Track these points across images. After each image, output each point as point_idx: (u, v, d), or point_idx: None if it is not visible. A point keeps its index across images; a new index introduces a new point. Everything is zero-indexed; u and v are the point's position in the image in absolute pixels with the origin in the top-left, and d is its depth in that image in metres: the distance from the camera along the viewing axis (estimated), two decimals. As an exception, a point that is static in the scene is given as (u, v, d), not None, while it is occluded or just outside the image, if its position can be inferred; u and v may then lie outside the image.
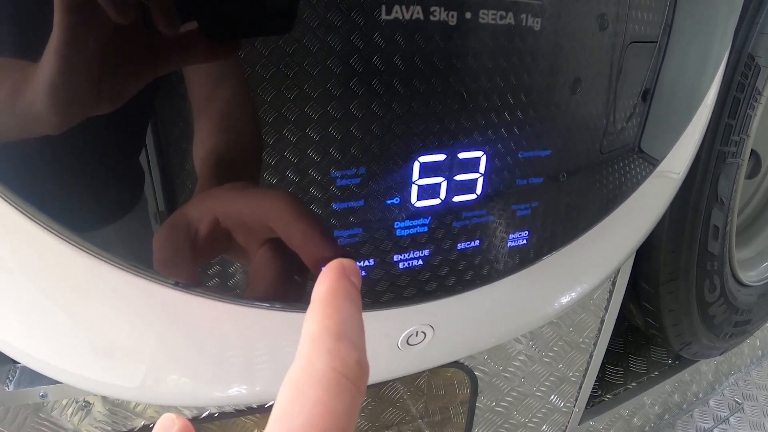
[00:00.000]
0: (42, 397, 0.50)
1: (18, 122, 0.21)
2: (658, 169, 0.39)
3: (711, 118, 0.43)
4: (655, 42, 0.33)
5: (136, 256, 0.25)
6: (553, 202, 0.33)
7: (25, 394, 0.49)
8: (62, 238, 0.24)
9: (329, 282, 0.22)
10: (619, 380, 1.05)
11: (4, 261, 0.25)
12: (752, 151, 0.98)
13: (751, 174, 1.05)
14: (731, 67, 0.73)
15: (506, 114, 0.28)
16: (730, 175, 0.79)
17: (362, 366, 0.19)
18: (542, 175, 0.31)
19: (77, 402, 0.52)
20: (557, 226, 0.35)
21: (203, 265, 0.26)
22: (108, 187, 0.24)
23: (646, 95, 0.34)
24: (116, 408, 0.52)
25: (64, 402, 0.51)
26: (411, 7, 0.24)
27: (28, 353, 0.29)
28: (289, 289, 0.27)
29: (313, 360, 0.19)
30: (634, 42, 0.31)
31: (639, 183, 0.39)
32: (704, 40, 0.37)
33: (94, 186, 0.24)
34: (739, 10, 0.38)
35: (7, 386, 0.49)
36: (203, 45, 0.21)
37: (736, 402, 1.31)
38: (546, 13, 0.27)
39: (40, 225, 0.23)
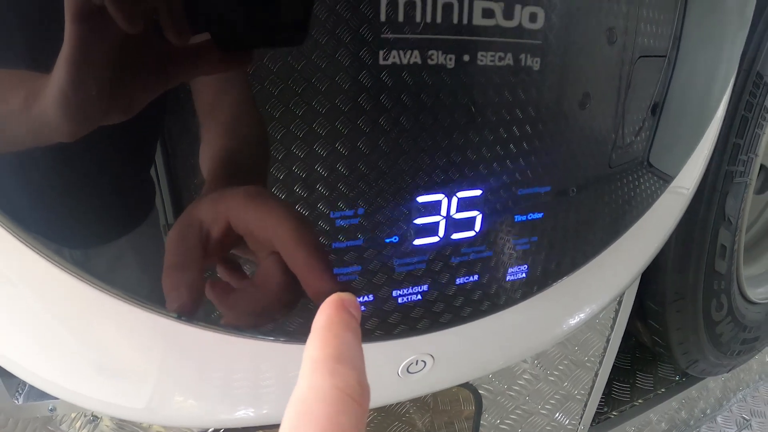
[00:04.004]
0: (51, 410, 0.50)
1: (31, 131, 0.21)
2: (672, 185, 0.39)
3: (719, 136, 0.42)
4: (664, 56, 0.32)
5: (140, 289, 0.26)
6: (563, 226, 0.33)
7: (34, 407, 0.50)
8: (66, 271, 0.24)
9: (327, 314, 0.23)
10: (626, 397, 1.04)
11: (10, 281, 0.25)
12: (762, 166, 0.97)
13: (761, 189, 1.04)
14: (739, 86, 0.73)
15: (510, 152, 0.29)
16: (738, 194, 0.79)
17: (363, 386, 0.20)
18: (548, 201, 0.31)
19: (86, 416, 0.52)
20: (567, 252, 0.35)
21: (210, 272, 0.26)
22: (116, 200, 0.24)
23: (656, 109, 0.34)
24: (124, 422, 0.53)
25: (73, 415, 0.52)
26: (408, 52, 0.24)
27: (33, 373, 0.30)
28: (286, 322, 0.28)
29: (317, 380, 0.20)
30: (643, 56, 0.31)
31: (653, 200, 0.38)
32: (714, 53, 0.36)
33: (101, 200, 0.24)
34: (749, 22, 0.38)
35: (17, 399, 0.50)
36: (214, 55, 0.21)
37: (744, 419, 1.29)
38: (549, 45, 0.27)
39: (42, 255, 0.24)
